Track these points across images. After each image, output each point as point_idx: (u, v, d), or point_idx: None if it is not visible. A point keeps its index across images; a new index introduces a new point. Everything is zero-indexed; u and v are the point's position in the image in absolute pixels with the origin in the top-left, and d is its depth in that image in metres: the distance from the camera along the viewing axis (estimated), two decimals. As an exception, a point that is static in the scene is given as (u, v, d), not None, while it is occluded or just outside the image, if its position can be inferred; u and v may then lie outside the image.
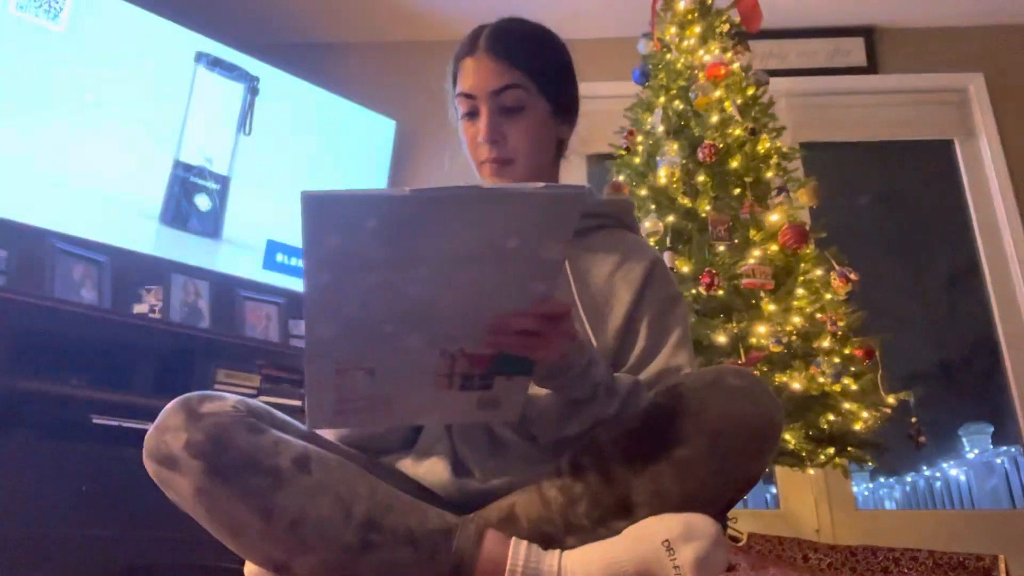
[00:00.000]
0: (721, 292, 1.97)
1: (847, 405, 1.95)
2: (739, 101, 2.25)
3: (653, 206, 2.17)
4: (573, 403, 0.85)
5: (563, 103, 1.08)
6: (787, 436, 1.91)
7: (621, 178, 2.31)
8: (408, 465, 0.97)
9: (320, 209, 0.62)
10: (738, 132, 2.20)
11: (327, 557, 0.78)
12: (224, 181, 2.61)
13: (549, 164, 1.09)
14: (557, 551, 0.81)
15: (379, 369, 0.74)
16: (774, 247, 2.07)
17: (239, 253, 2.60)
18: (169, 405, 0.81)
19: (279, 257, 2.70)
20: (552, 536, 0.82)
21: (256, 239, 2.65)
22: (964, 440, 3.39)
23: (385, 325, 0.70)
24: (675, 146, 2.20)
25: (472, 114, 1.03)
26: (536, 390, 0.86)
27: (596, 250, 1.06)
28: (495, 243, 0.66)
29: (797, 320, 1.98)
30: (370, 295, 0.68)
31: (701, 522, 0.78)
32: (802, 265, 2.09)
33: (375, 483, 0.83)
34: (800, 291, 2.04)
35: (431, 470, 0.94)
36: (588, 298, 1.01)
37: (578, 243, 1.04)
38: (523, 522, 0.83)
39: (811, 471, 2.07)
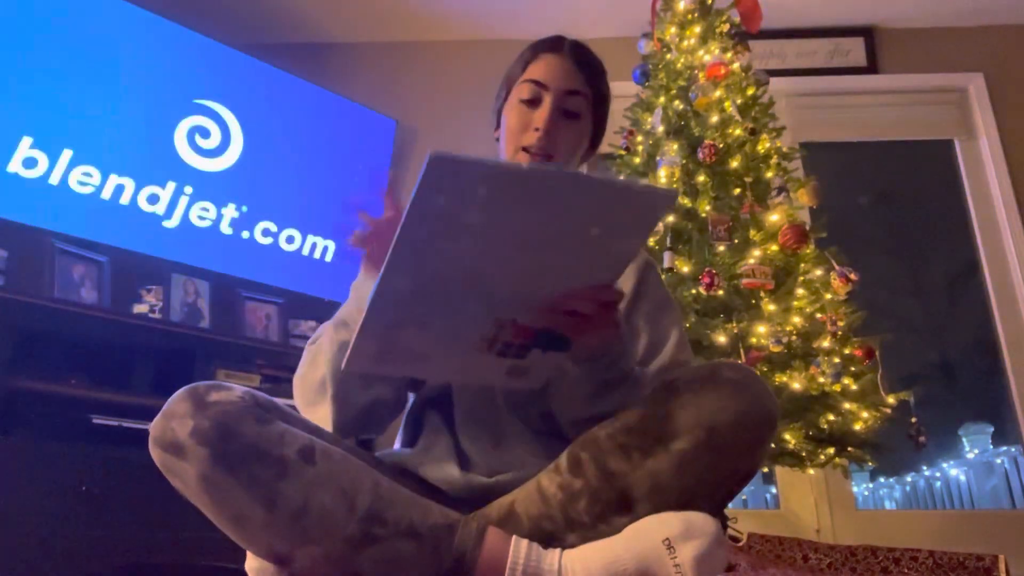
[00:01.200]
0: (721, 292, 1.97)
1: (847, 405, 1.95)
2: (739, 101, 2.25)
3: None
4: (604, 385, 0.87)
5: (597, 134, 1.16)
6: (787, 436, 1.91)
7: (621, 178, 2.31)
8: (413, 462, 0.97)
9: (440, 168, 0.64)
10: (738, 132, 2.20)
11: (329, 549, 0.79)
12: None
13: None
14: (557, 550, 0.81)
15: (430, 325, 0.77)
16: (774, 247, 2.07)
17: (239, 252, 2.60)
18: (177, 393, 0.81)
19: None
20: (553, 533, 0.82)
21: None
22: (964, 440, 3.39)
23: (454, 287, 0.73)
24: (675, 146, 2.20)
25: (533, 102, 1.09)
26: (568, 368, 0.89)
27: None
28: (582, 228, 0.70)
29: (797, 320, 1.98)
30: (453, 258, 0.71)
31: (701, 521, 0.78)
32: (802, 265, 2.09)
33: (378, 477, 0.84)
34: (800, 291, 2.04)
35: (437, 467, 0.95)
36: None
37: None
38: (523, 519, 0.84)
39: (811, 471, 2.07)
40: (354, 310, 0.93)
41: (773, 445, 1.85)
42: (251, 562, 0.86)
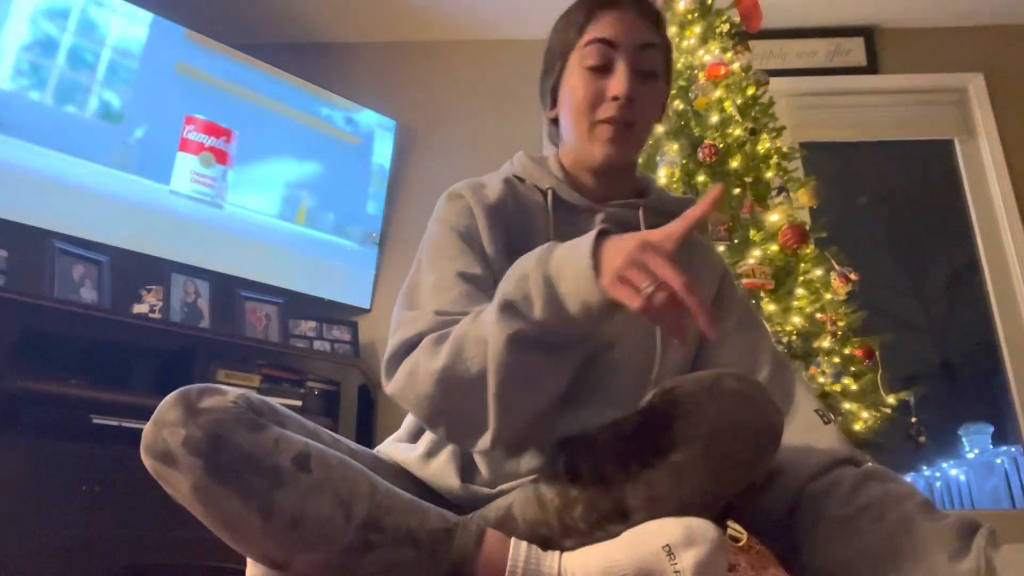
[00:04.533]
0: (721, 292, 1.97)
1: (847, 405, 1.95)
2: (739, 101, 2.25)
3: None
4: None
5: (667, 90, 1.05)
6: (787, 436, 1.91)
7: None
8: (415, 465, 0.96)
9: None
10: (738, 132, 2.20)
11: (327, 556, 0.78)
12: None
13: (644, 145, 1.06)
14: (557, 552, 0.80)
15: None
16: (774, 247, 2.07)
17: (240, 251, 2.60)
18: (168, 398, 0.79)
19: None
20: (549, 538, 0.81)
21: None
22: (964, 440, 3.38)
23: None
24: (675, 146, 2.20)
25: (604, 68, 0.96)
26: None
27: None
28: None
29: (797, 320, 1.98)
30: None
31: (702, 527, 0.77)
32: (802, 265, 2.09)
33: (376, 482, 0.83)
34: (800, 291, 2.04)
35: (439, 473, 0.93)
36: None
37: None
38: (520, 523, 0.83)
39: (811, 471, 2.06)
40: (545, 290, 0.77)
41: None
42: (252, 569, 0.85)
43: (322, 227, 2.81)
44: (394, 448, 1.01)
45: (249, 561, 0.85)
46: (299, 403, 2.32)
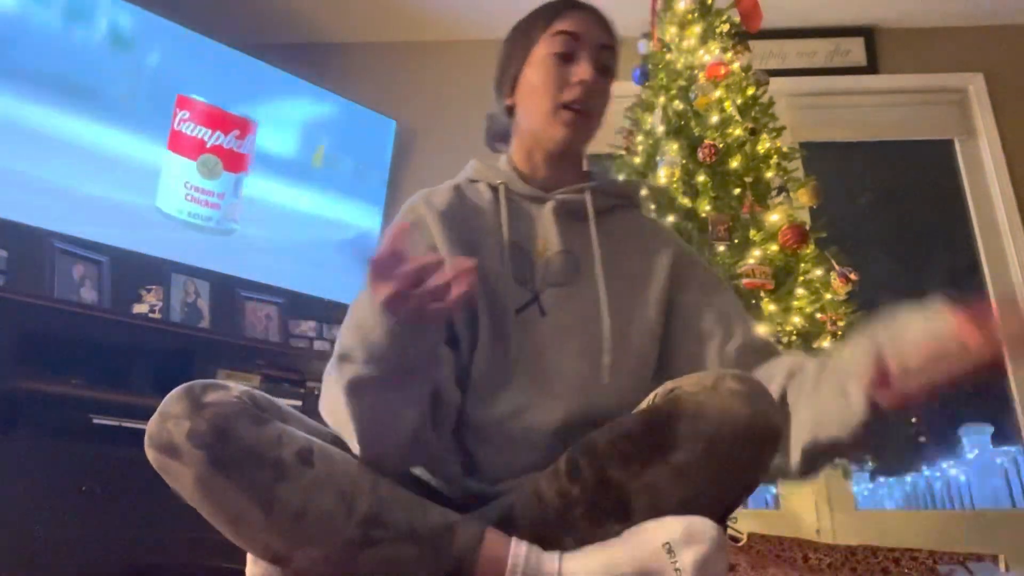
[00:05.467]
0: (721, 292, 1.97)
1: (847, 405, 1.95)
2: (739, 101, 2.25)
3: (653, 206, 2.17)
4: None
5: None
6: (787, 436, 1.91)
7: (621, 178, 2.31)
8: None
9: None
10: (738, 132, 2.19)
11: (328, 551, 0.78)
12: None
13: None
14: (557, 552, 0.80)
15: None
16: (774, 247, 2.07)
17: (239, 252, 2.60)
18: (172, 392, 0.80)
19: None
20: (549, 538, 0.81)
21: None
22: (964, 440, 3.38)
23: None
24: (675, 146, 2.20)
25: (568, 56, 1.03)
26: None
27: (617, 231, 1.08)
28: None
29: (797, 320, 1.98)
30: None
31: (702, 525, 0.77)
32: (802, 265, 2.09)
33: (377, 478, 0.83)
34: (800, 291, 2.04)
35: (438, 468, 0.94)
36: (622, 278, 1.03)
37: (599, 225, 1.06)
38: (521, 522, 0.83)
39: (811, 471, 2.06)
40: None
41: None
42: (252, 567, 0.85)
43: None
44: None
45: (249, 559, 0.85)
46: (299, 403, 2.32)
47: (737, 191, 2.17)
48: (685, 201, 2.16)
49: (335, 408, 0.84)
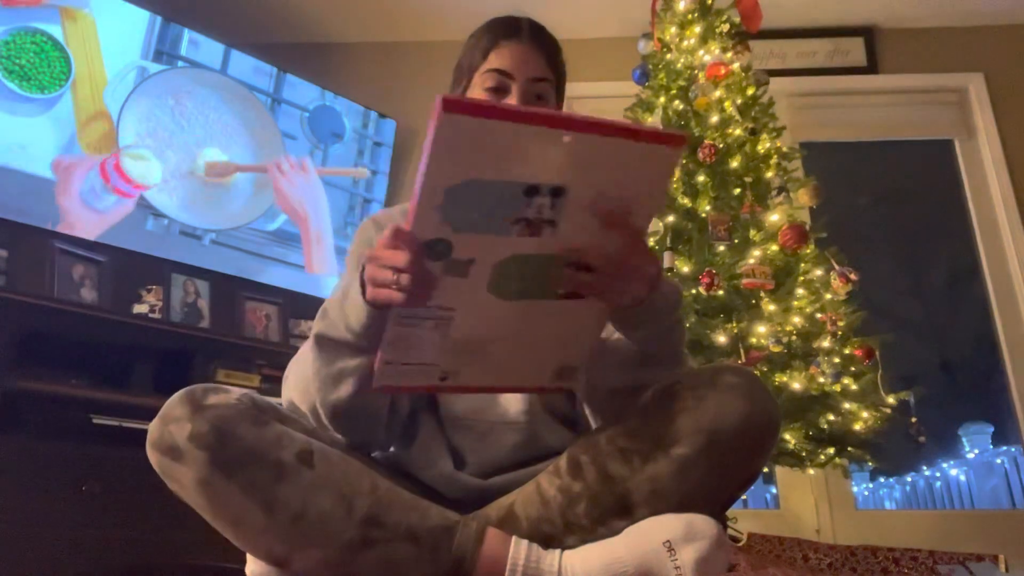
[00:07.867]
0: (721, 292, 1.97)
1: (847, 405, 1.95)
2: (739, 101, 2.25)
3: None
4: (649, 351, 0.85)
5: (559, 108, 1.12)
6: (787, 436, 1.91)
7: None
8: (409, 463, 0.97)
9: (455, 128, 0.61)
10: (738, 132, 2.20)
11: (328, 552, 0.79)
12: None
13: None
14: (557, 550, 0.81)
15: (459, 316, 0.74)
16: (774, 247, 2.07)
17: (239, 252, 2.60)
18: (174, 396, 0.81)
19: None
20: (552, 535, 0.82)
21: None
22: (964, 440, 3.39)
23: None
24: (675, 146, 2.19)
25: (499, 90, 1.04)
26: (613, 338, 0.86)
27: None
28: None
29: (797, 320, 1.98)
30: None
31: (702, 523, 0.78)
32: (802, 265, 2.09)
33: (377, 479, 0.84)
34: (800, 291, 2.04)
35: (431, 466, 0.95)
36: None
37: None
38: (523, 521, 0.84)
39: (811, 471, 2.07)
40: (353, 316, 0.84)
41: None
42: (251, 566, 0.85)
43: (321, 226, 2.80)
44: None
45: (249, 558, 0.86)
46: (299, 403, 2.32)
47: (737, 191, 2.17)
48: (685, 201, 2.16)
49: (303, 368, 0.90)
